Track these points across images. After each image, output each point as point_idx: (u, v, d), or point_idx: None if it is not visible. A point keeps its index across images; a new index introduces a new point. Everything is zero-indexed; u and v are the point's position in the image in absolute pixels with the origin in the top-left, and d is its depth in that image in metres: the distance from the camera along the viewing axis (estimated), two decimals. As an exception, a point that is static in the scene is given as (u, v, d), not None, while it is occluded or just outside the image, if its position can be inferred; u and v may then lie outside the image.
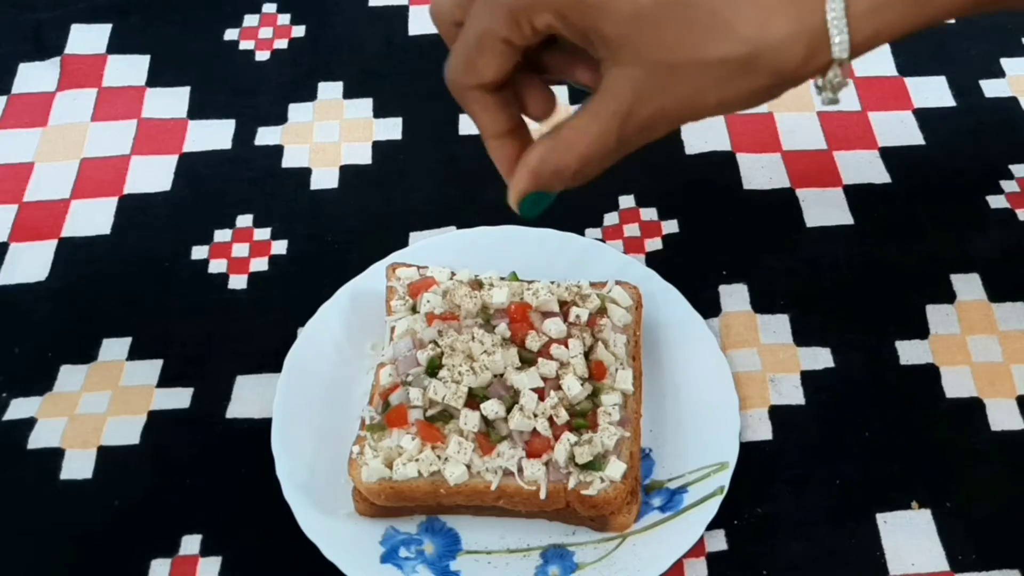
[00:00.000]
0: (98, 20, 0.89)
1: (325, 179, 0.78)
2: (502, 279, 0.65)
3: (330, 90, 0.84)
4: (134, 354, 0.68)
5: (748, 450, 0.61)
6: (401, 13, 0.90)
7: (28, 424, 0.64)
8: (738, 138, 0.79)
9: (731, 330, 0.68)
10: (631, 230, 0.74)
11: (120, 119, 0.82)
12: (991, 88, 0.83)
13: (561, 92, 0.82)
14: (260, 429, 0.62)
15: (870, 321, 0.68)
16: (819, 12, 0.43)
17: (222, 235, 0.74)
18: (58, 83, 0.85)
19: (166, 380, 0.66)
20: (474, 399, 0.58)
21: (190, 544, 0.59)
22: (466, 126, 0.81)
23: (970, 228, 0.73)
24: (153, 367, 0.67)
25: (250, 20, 0.90)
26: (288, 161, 0.79)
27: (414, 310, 0.63)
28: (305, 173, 0.78)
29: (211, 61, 0.87)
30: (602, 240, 0.73)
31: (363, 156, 0.79)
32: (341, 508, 0.59)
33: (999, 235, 0.73)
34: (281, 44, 0.88)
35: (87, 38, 0.88)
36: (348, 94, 0.84)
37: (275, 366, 0.65)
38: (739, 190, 0.76)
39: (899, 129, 0.80)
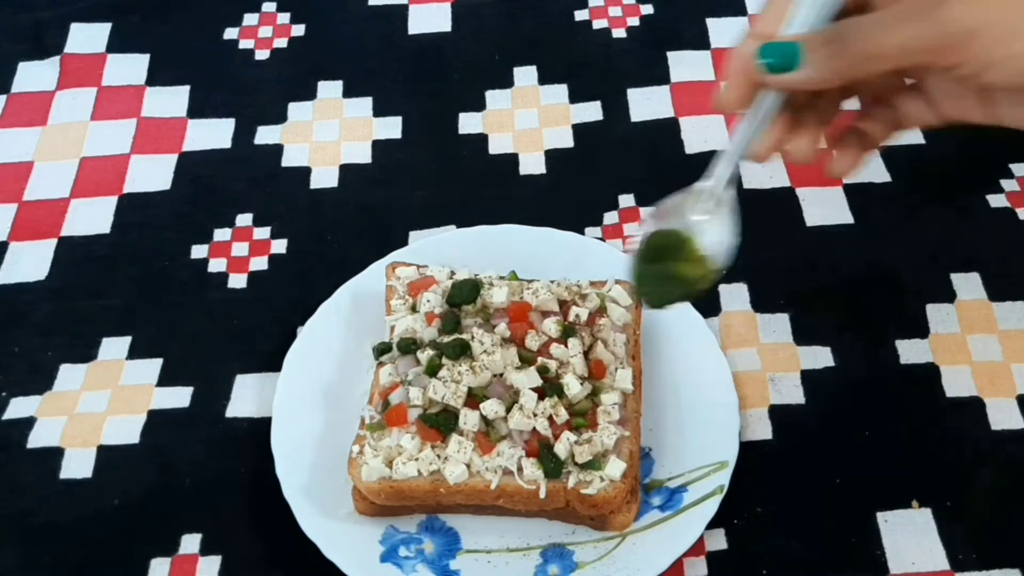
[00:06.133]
0: (98, 19, 0.89)
1: (325, 178, 0.78)
2: (501, 278, 0.65)
3: (330, 89, 0.84)
4: (134, 353, 0.68)
5: (748, 450, 0.61)
6: (401, 12, 0.90)
7: (28, 423, 0.64)
8: (738, 137, 0.79)
9: (731, 330, 0.68)
10: (631, 229, 0.74)
11: (120, 118, 0.82)
12: (992, 87, 0.83)
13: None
14: (260, 429, 0.62)
15: (870, 321, 0.68)
16: None
17: (222, 234, 0.74)
18: (58, 82, 0.85)
19: (166, 379, 0.67)
20: (474, 399, 0.58)
21: (190, 543, 0.59)
22: (466, 125, 0.81)
23: (970, 228, 0.73)
24: (153, 367, 0.67)
25: (250, 19, 0.89)
26: (288, 160, 0.79)
27: (414, 309, 0.63)
28: (305, 172, 0.78)
29: (211, 60, 0.87)
30: (602, 239, 0.73)
31: (363, 155, 0.79)
32: (341, 507, 0.59)
33: (999, 235, 0.73)
34: (281, 43, 0.88)
35: (87, 37, 0.88)
36: (348, 93, 0.84)
37: (275, 366, 0.65)
38: (739, 190, 0.76)
39: (899, 128, 0.80)
